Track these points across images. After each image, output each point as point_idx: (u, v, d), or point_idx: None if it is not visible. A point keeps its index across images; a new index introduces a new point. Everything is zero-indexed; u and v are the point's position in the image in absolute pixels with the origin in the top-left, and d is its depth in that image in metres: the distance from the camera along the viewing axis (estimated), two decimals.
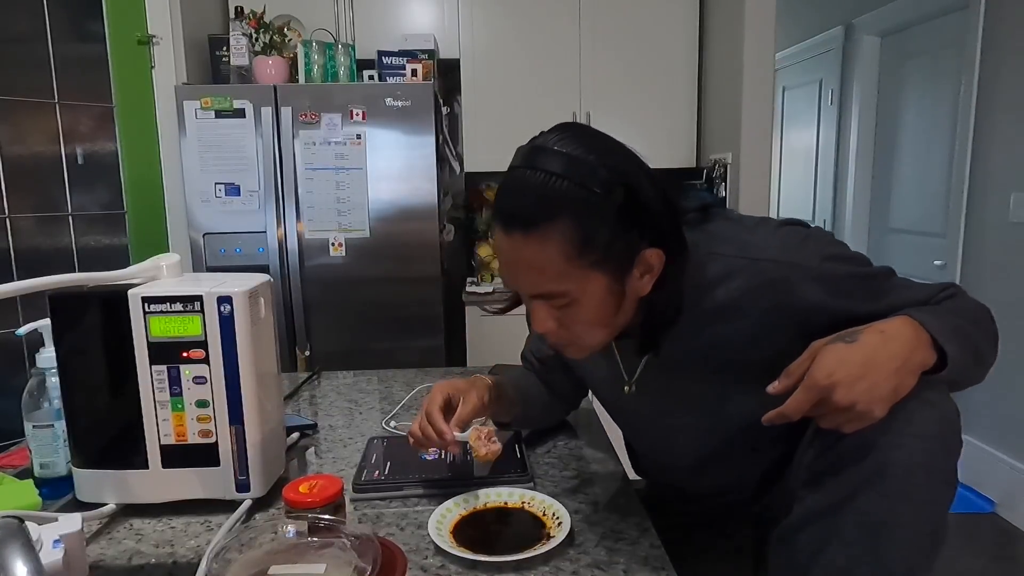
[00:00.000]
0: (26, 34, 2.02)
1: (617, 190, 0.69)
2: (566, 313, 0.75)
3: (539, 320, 0.76)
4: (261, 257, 2.18)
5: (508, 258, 0.73)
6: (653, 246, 0.73)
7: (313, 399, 1.34)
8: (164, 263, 0.88)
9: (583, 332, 0.77)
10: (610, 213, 0.69)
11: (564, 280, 0.71)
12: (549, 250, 0.69)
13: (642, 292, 0.76)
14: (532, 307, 0.77)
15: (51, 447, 0.89)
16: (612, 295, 0.73)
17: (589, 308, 0.73)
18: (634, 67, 2.65)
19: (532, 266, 0.71)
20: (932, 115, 2.98)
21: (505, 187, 0.73)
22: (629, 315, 0.78)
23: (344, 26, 2.58)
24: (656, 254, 0.73)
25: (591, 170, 0.69)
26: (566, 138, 0.72)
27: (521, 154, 0.74)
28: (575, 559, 0.74)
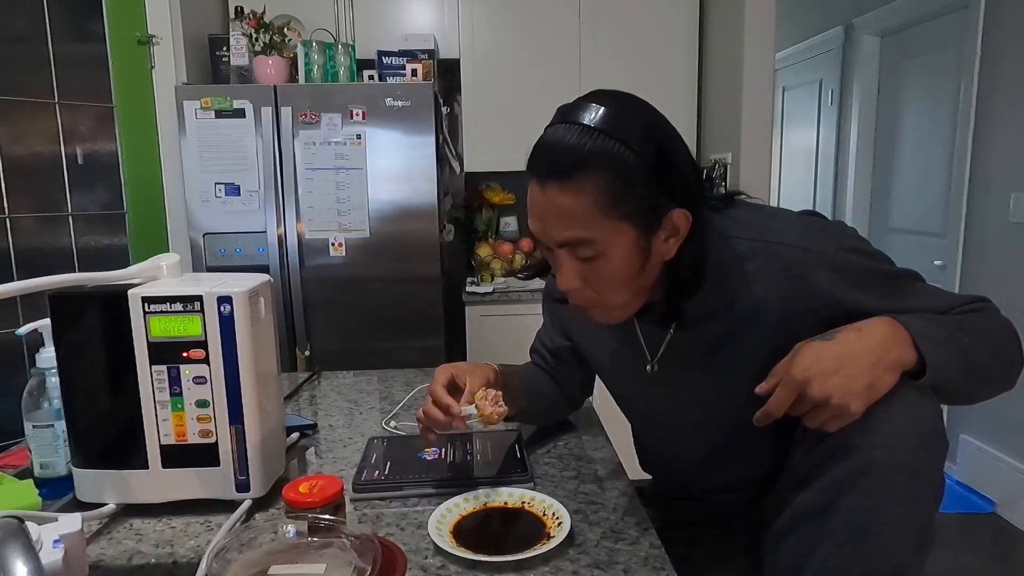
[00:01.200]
0: (26, 34, 2.02)
1: (651, 148, 0.72)
2: (592, 268, 0.76)
3: (565, 276, 0.77)
4: (261, 257, 2.18)
5: (541, 209, 0.75)
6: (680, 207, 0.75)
7: (313, 399, 1.34)
8: (164, 263, 0.88)
9: (607, 289, 0.78)
10: (643, 169, 0.72)
11: (594, 228, 0.73)
12: (583, 199, 0.71)
13: (667, 255, 0.78)
14: (559, 262, 0.78)
15: (51, 447, 0.89)
16: (638, 251, 0.75)
17: (615, 262, 0.75)
18: (634, 67, 2.65)
19: (565, 214, 0.73)
20: (932, 115, 2.98)
21: (543, 141, 0.76)
22: (652, 278, 0.79)
23: (344, 26, 2.58)
24: (683, 215, 0.75)
25: (628, 126, 0.72)
26: (604, 98, 0.75)
27: (560, 112, 0.77)
28: (575, 559, 0.74)
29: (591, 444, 1.08)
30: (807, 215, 0.84)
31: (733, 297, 0.80)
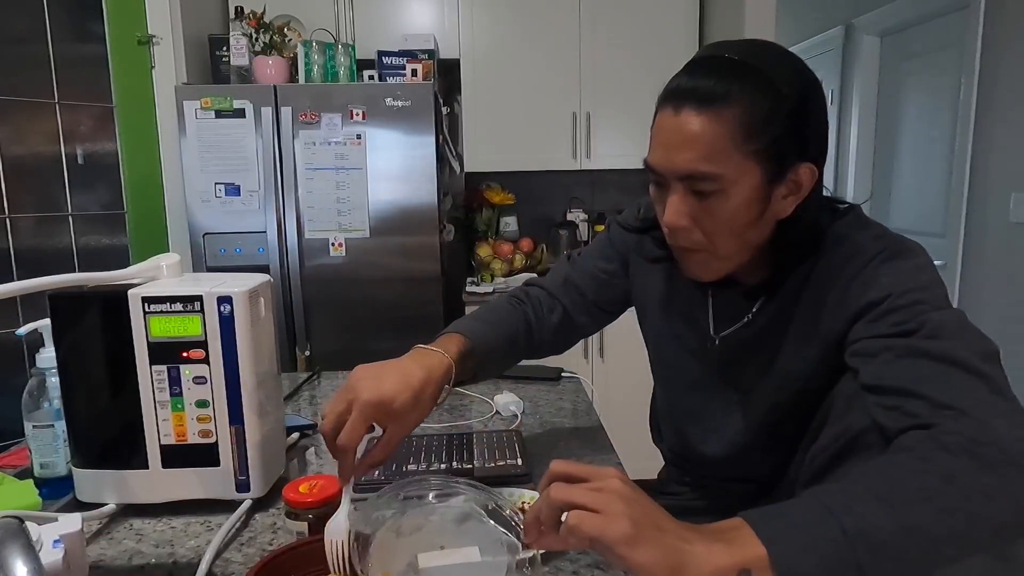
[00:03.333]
0: (26, 34, 2.02)
1: (795, 91, 0.71)
2: (707, 206, 0.73)
3: (675, 212, 0.74)
4: (261, 257, 2.18)
5: (671, 135, 0.72)
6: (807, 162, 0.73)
7: (313, 399, 1.34)
8: (164, 263, 0.88)
9: (718, 234, 0.75)
10: (783, 111, 0.70)
11: (722, 162, 0.70)
12: (718, 128, 0.69)
13: (782, 214, 0.76)
14: (673, 196, 0.74)
15: (51, 447, 0.89)
16: (758, 199, 0.73)
17: (733, 203, 0.72)
18: (634, 67, 2.65)
19: (696, 142, 0.70)
20: (932, 115, 2.98)
21: (688, 68, 0.74)
22: (763, 236, 0.77)
23: (344, 26, 2.58)
24: (809, 171, 0.74)
25: (777, 65, 0.71)
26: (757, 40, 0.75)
27: (708, 46, 0.77)
28: (575, 559, 0.74)
29: (591, 444, 1.08)
30: None
31: (810, 283, 0.78)
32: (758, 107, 0.69)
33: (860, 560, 0.51)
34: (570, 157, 2.70)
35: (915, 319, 0.67)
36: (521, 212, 2.98)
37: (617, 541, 0.49)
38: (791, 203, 0.75)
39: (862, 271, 0.75)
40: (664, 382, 1.04)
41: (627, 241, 1.02)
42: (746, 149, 0.70)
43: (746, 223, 0.74)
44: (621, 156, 2.69)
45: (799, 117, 0.71)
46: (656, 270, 0.99)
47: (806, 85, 0.72)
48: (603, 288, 1.03)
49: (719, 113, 0.69)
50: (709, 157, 0.70)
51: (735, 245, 0.77)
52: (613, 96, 2.67)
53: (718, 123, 0.69)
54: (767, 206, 0.74)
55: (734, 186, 0.71)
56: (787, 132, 0.71)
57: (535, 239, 2.91)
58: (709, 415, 0.96)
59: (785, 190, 0.74)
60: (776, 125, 0.70)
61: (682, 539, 0.50)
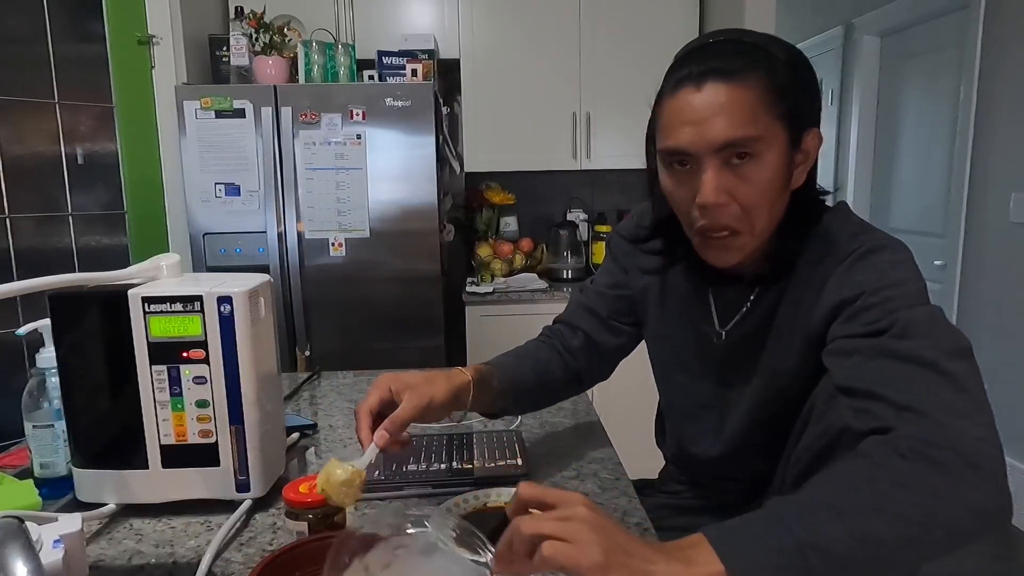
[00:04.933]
0: (26, 34, 2.02)
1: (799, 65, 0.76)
2: (743, 175, 0.74)
3: (712, 191, 0.73)
4: (261, 257, 2.18)
5: (699, 109, 0.73)
6: None
7: (313, 399, 1.34)
8: (164, 263, 0.88)
9: (755, 203, 0.75)
10: (792, 81, 0.74)
11: (755, 125, 0.72)
12: (748, 93, 0.72)
13: (796, 183, 0.78)
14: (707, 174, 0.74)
15: (51, 447, 0.89)
16: (784, 166, 0.75)
17: (768, 167, 0.74)
18: (634, 67, 2.65)
19: (728, 110, 0.72)
20: (932, 115, 2.98)
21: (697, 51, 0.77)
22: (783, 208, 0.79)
23: (344, 26, 2.58)
24: (817, 136, 0.77)
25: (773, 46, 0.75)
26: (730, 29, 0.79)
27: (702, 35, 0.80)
28: None
29: (591, 444, 1.08)
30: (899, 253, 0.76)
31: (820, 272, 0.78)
32: (776, 75, 0.73)
33: (812, 569, 0.52)
34: (570, 157, 2.70)
35: (886, 317, 0.68)
36: (521, 212, 2.98)
37: (589, 569, 0.50)
38: (802, 172, 0.78)
39: (837, 268, 0.76)
40: (665, 382, 1.04)
41: (625, 250, 1.03)
42: (774, 112, 0.73)
43: (777, 191, 0.76)
44: (621, 156, 2.69)
45: (805, 87, 0.76)
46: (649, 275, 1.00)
47: (797, 57, 0.77)
48: (613, 303, 1.04)
49: (744, 80, 0.72)
50: (745, 122, 0.72)
51: (767, 218, 0.77)
52: (613, 96, 2.67)
53: (745, 90, 0.72)
54: (789, 175, 0.77)
55: (768, 150, 0.73)
56: (800, 98, 0.75)
57: (535, 239, 2.91)
58: (707, 413, 0.96)
59: (801, 157, 0.77)
60: (791, 93, 0.73)
61: (647, 561, 0.52)
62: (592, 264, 2.87)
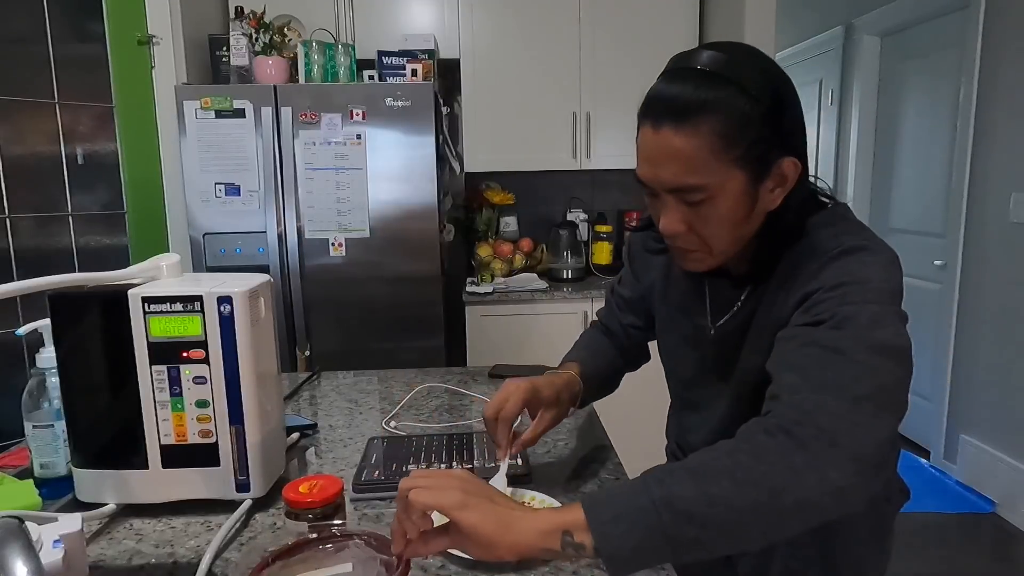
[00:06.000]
0: (26, 34, 2.02)
1: (767, 92, 0.72)
2: (699, 212, 0.75)
3: (671, 221, 0.77)
4: (261, 257, 2.18)
5: (653, 152, 0.74)
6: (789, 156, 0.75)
7: (313, 399, 1.34)
8: (164, 263, 0.88)
9: (711, 234, 0.77)
10: (758, 113, 0.71)
11: (706, 173, 0.72)
12: (697, 141, 0.71)
13: (771, 206, 0.77)
14: (666, 207, 0.77)
15: (51, 447, 0.89)
16: (746, 197, 0.75)
17: (723, 208, 0.74)
18: (634, 67, 2.65)
19: (678, 157, 0.72)
20: (932, 115, 2.98)
21: (658, 86, 0.75)
22: (754, 228, 0.79)
23: (344, 26, 2.58)
24: (793, 164, 0.75)
25: (744, 70, 0.72)
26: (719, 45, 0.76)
27: (675, 59, 0.77)
28: (575, 559, 0.74)
29: (591, 444, 1.08)
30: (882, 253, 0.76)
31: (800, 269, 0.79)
32: (733, 115, 0.71)
33: (665, 525, 0.56)
34: (570, 157, 2.70)
35: (831, 310, 0.69)
36: (521, 212, 2.98)
37: (450, 507, 0.57)
38: (779, 195, 0.77)
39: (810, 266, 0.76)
40: (668, 374, 1.06)
41: (633, 243, 1.08)
42: (726, 157, 0.72)
43: (738, 222, 0.77)
44: (621, 156, 2.69)
45: (774, 116, 0.73)
46: (656, 266, 1.03)
47: (777, 84, 0.74)
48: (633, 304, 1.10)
49: (695, 128, 0.71)
50: (692, 170, 0.72)
51: (729, 241, 0.79)
52: (613, 96, 2.67)
53: (696, 137, 0.71)
54: (755, 203, 0.76)
55: (721, 192, 0.73)
56: (765, 133, 0.72)
57: (535, 239, 2.91)
58: (700, 406, 0.97)
59: (772, 183, 0.76)
60: (752, 129, 0.72)
61: (511, 507, 0.59)
62: (592, 264, 2.87)
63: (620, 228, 2.97)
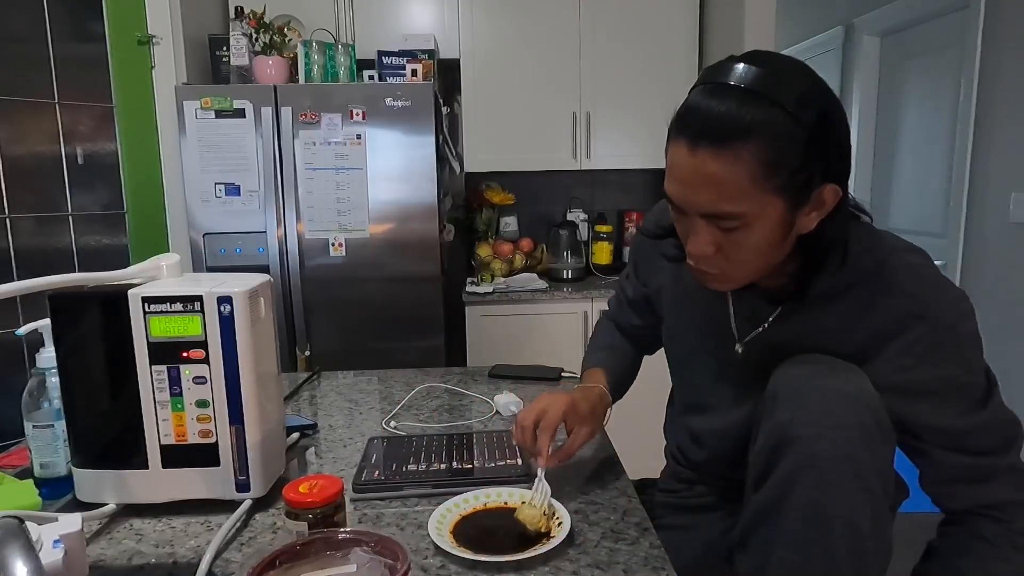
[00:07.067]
0: (26, 34, 2.02)
1: (811, 114, 0.67)
2: (731, 238, 0.72)
3: (700, 243, 0.74)
4: (261, 257, 2.18)
5: (688, 174, 0.70)
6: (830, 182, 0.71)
7: (313, 399, 1.34)
8: (164, 263, 0.88)
9: (742, 260, 0.74)
10: (801, 138, 0.67)
11: (744, 201, 0.68)
12: (738, 169, 0.66)
13: (805, 229, 0.73)
14: (695, 228, 0.74)
15: (51, 447, 0.89)
16: (783, 225, 0.71)
17: (757, 235, 0.71)
18: (634, 67, 2.64)
19: (715, 183, 0.68)
20: (932, 115, 2.98)
21: (697, 99, 0.70)
22: (786, 251, 0.76)
23: (344, 26, 2.58)
24: (834, 191, 0.71)
25: (789, 89, 0.67)
26: (761, 59, 0.70)
27: (713, 70, 0.71)
28: (575, 559, 0.74)
29: (591, 444, 1.08)
30: None
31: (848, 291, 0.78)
32: (777, 141, 0.66)
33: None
34: (570, 157, 2.70)
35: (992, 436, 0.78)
36: (521, 212, 2.98)
37: None
38: (814, 219, 0.73)
39: (884, 300, 0.76)
40: (678, 379, 1.05)
41: (643, 255, 1.07)
42: (767, 187, 0.67)
43: (769, 248, 0.74)
44: (621, 156, 2.69)
45: (819, 142, 0.68)
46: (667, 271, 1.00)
47: (824, 105, 0.69)
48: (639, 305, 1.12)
49: (737, 154, 0.66)
50: (729, 198, 0.68)
51: (757, 267, 0.77)
52: (613, 96, 2.67)
53: (738, 165, 0.66)
54: (791, 229, 0.73)
55: (757, 220, 0.70)
56: (809, 160, 0.68)
57: (535, 239, 2.91)
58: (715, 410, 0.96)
59: (810, 208, 0.72)
60: (796, 156, 0.67)
61: None
62: (592, 264, 2.87)
63: (620, 228, 2.97)
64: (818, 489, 0.70)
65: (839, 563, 0.71)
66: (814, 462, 0.70)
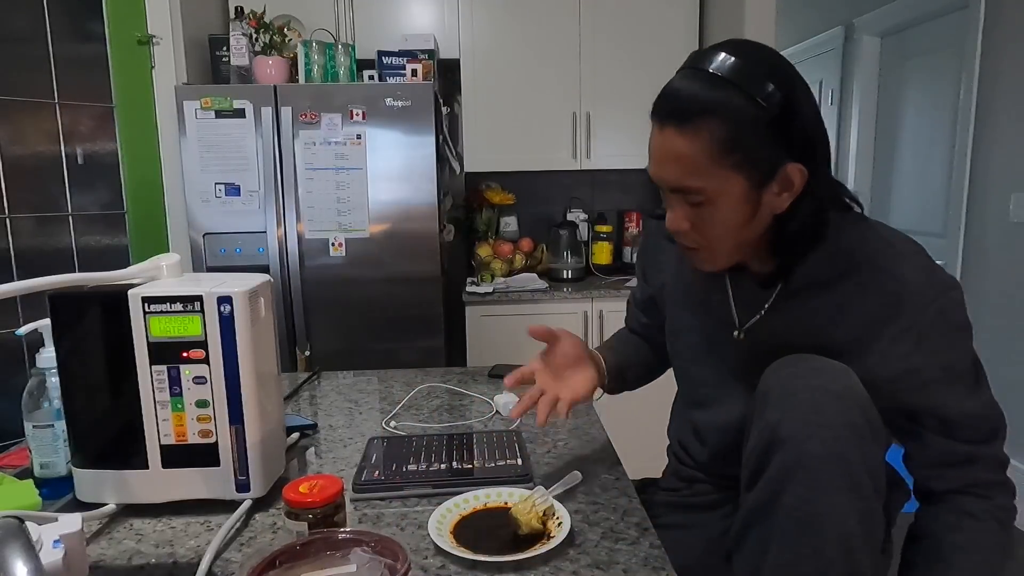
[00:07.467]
0: (26, 34, 2.02)
1: (776, 100, 0.72)
2: (700, 214, 0.78)
3: (675, 219, 0.80)
4: (261, 257, 2.18)
5: (658, 151, 0.77)
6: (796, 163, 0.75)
7: (313, 399, 1.34)
8: (164, 263, 0.88)
9: (713, 235, 0.79)
10: (763, 121, 0.72)
11: (704, 177, 0.74)
12: (697, 144, 0.73)
13: (777, 209, 0.77)
14: (671, 204, 0.80)
15: (51, 447, 0.89)
16: (747, 203, 0.76)
17: (722, 211, 0.76)
18: (634, 67, 2.64)
19: (678, 159, 0.74)
20: (932, 115, 2.98)
21: (669, 85, 0.77)
22: (759, 230, 0.80)
23: (344, 26, 2.58)
24: (798, 170, 0.75)
25: (755, 76, 0.72)
26: (735, 46, 0.75)
27: (691, 57, 0.77)
28: (575, 559, 0.74)
29: (591, 444, 1.08)
30: None
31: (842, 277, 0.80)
32: (735, 123, 0.72)
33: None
34: (570, 157, 2.70)
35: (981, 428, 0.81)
36: (521, 212, 2.98)
37: None
38: (786, 199, 0.77)
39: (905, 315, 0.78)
40: (682, 374, 1.05)
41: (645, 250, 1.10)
42: (725, 163, 0.73)
43: (738, 224, 0.78)
44: (621, 156, 2.69)
45: (781, 124, 0.72)
46: (668, 267, 1.02)
47: (788, 91, 0.73)
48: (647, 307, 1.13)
49: (696, 131, 0.72)
50: (691, 173, 0.74)
51: (731, 243, 0.81)
52: (613, 96, 2.67)
53: (696, 140, 0.72)
54: (758, 207, 0.77)
55: (720, 196, 0.75)
56: (768, 141, 0.73)
57: (535, 239, 2.91)
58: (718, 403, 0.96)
59: (777, 188, 0.76)
60: (755, 137, 0.72)
61: None
62: (592, 264, 2.87)
63: (620, 228, 2.97)
64: (807, 489, 0.71)
65: (829, 562, 0.72)
66: (803, 462, 0.71)
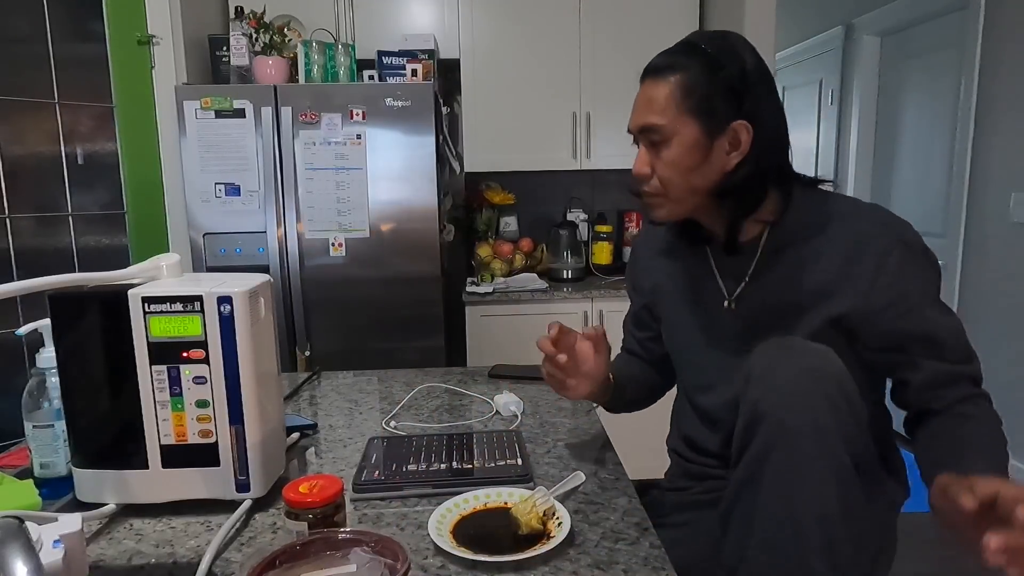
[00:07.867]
0: (26, 34, 2.02)
1: (734, 70, 0.87)
2: (659, 155, 0.90)
3: (638, 164, 0.93)
4: (261, 257, 2.18)
5: (637, 101, 0.92)
6: None
7: (313, 399, 1.34)
8: (164, 263, 0.88)
9: (667, 177, 0.91)
10: (718, 79, 0.86)
11: (664, 115, 0.88)
12: (663, 89, 0.89)
13: (726, 167, 0.89)
14: (638, 154, 0.93)
15: (51, 447, 0.89)
16: (698, 148, 0.88)
17: (676, 149, 0.89)
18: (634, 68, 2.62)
19: (648, 102, 0.90)
20: (932, 115, 2.98)
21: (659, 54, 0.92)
22: (709, 181, 0.90)
23: (344, 26, 2.58)
24: (744, 126, 0.87)
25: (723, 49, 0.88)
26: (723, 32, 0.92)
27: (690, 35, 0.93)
28: (575, 559, 0.74)
29: (591, 444, 1.08)
30: None
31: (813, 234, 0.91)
32: (696, 75, 0.87)
33: None
34: (570, 157, 2.70)
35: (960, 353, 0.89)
36: (521, 212, 2.98)
37: None
38: (734, 158, 0.89)
39: (874, 257, 0.87)
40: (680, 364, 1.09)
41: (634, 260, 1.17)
42: (683, 106, 0.87)
43: (689, 167, 0.89)
44: (621, 156, 2.69)
45: (736, 84, 0.86)
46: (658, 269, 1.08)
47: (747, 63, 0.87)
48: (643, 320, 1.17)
49: (665, 79, 0.89)
50: (654, 112, 0.89)
51: (684, 187, 0.91)
52: (613, 96, 2.67)
53: (665, 86, 0.88)
54: (709, 154, 0.89)
55: (675, 135, 0.88)
56: (721, 95, 0.86)
57: (535, 239, 2.91)
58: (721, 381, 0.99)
59: (727, 145, 0.88)
60: (710, 88, 0.86)
61: None
62: (592, 264, 2.87)
63: (620, 228, 2.97)
64: (786, 463, 0.75)
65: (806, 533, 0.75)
66: (783, 437, 0.75)
